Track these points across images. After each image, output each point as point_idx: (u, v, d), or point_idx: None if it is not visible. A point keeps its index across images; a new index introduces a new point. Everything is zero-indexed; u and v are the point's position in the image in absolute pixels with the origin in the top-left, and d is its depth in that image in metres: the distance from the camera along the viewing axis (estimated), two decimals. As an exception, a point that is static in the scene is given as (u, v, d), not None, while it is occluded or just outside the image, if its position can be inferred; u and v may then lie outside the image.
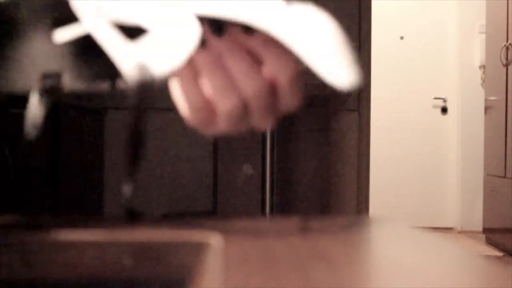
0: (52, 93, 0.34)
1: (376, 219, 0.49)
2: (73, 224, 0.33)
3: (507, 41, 2.86)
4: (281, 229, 0.40)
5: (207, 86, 0.36)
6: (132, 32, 0.33)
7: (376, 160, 3.75)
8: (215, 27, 0.35)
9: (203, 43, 0.34)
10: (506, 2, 2.88)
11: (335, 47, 0.37)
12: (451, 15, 3.98)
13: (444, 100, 3.96)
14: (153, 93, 0.28)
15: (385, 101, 3.86)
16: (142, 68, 0.28)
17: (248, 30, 0.36)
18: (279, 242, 0.36)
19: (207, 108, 0.36)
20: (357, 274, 0.28)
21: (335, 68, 0.36)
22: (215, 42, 0.35)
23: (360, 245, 0.36)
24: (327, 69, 0.36)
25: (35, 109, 0.29)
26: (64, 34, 0.34)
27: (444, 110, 3.97)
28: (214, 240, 0.34)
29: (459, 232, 3.66)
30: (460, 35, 3.90)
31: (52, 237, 0.31)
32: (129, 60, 0.28)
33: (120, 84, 0.30)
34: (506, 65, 2.85)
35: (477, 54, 3.81)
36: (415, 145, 3.94)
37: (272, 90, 0.38)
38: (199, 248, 0.33)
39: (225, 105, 0.35)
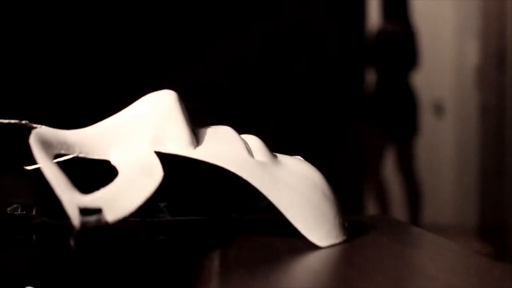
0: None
1: (375, 219, 0.49)
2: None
3: (502, 43, 2.87)
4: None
5: None
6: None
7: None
8: None
9: None
10: (501, 4, 2.88)
11: (318, 203, 0.35)
12: (447, 16, 3.99)
13: (441, 102, 3.97)
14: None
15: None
16: (89, 214, 0.26)
17: None
18: (281, 243, 0.36)
19: None
20: (358, 273, 0.28)
21: (314, 226, 0.35)
22: None
23: (361, 245, 0.36)
24: (305, 225, 0.34)
25: None
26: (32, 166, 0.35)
27: (440, 111, 3.98)
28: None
29: (456, 231, 3.67)
30: (456, 36, 3.90)
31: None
32: (73, 204, 0.26)
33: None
34: (502, 67, 2.85)
35: (474, 55, 3.82)
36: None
37: None
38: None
39: None
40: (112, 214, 0.27)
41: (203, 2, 1.01)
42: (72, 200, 0.26)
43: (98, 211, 0.26)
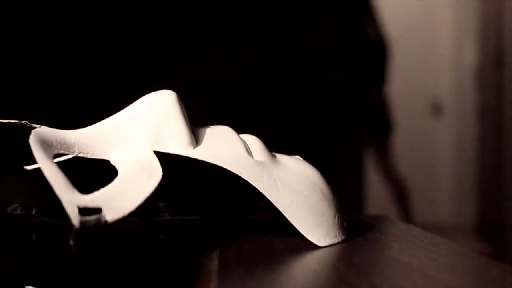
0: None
1: (375, 219, 0.49)
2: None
3: (501, 43, 2.87)
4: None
5: None
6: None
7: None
8: None
9: None
10: (500, 3, 2.89)
11: (317, 203, 0.36)
12: (446, 16, 3.99)
13: (439, 102, 3.97)
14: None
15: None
16: (88, 213, 0.26)
17: None
18: (281, 243, 0.36)
19: None
20: (356, 272, 0.28)
21: (313, 225, 0.35)
22: None
23: (360, 244, 0.36)
24: (305, 224, 0.35)
25: None
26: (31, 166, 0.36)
27: (439, 112, 3.98)
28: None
29: (455, 231, 3.67)
30: (454, 36, 3.91)
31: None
32: (72, 204, 0.26)
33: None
34: (500, 67, 2.86)
35: (472, 55, 3.83)
36: (410, 146, 3.94)
37: None
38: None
39: None
40: (111, 214, 0.27)
41: (203, 2, 1.01)
42: (71, 199, 0.26)
43: (97, 210, 0.26)
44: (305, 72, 1.07)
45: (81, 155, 0.33)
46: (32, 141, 0.29)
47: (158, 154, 0.34)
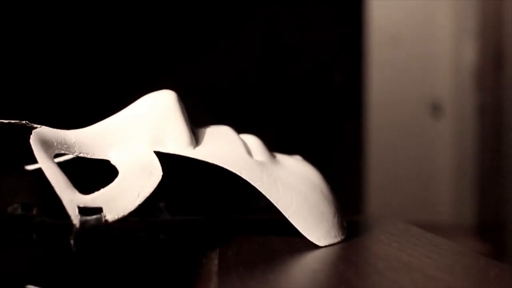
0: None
1: (374, 218, 0.49)
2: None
3: (500, 42, 2.87)
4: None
5: None
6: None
7: (373, 160, 3.74)
8: None
9: None
10: (499, 4, 2.89)
11: (317, 203, 0.35)
12: (445, 16, 3.99)
13: (439, 102, 3.97)
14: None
15: (379, 103, 3.86)
16: (89, 213, 0.26)
17: None
18: (281, 243, 0.36)
19: None
20: (356, 272, 0.28)
21: (313, 225, 0.35)
22: None
23: (359, 244, 0.36)
24: (304, 224, 0.34)
25: None
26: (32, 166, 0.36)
27: (438, 112, 3.98)
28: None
29: (455, 230, 3.67)
30: (454, 36, 3.91)
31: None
32: (73, 204, 0.26)
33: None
34: (500, 67, 2.86)
35: (472, 55, 3.83)
36: (409, 146, 3.94)
37: None
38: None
39: None
40: (111, 214, 0.27)
41: (203, 3, 1.01)
42: (72, 199, 0.26)
43: (98, 210, 0.26)
44: (305, 72, 1.07)
45: (81, 155, 0.33)
46: (33, 141, 0.29)
47: (158, 154, 0.34)
